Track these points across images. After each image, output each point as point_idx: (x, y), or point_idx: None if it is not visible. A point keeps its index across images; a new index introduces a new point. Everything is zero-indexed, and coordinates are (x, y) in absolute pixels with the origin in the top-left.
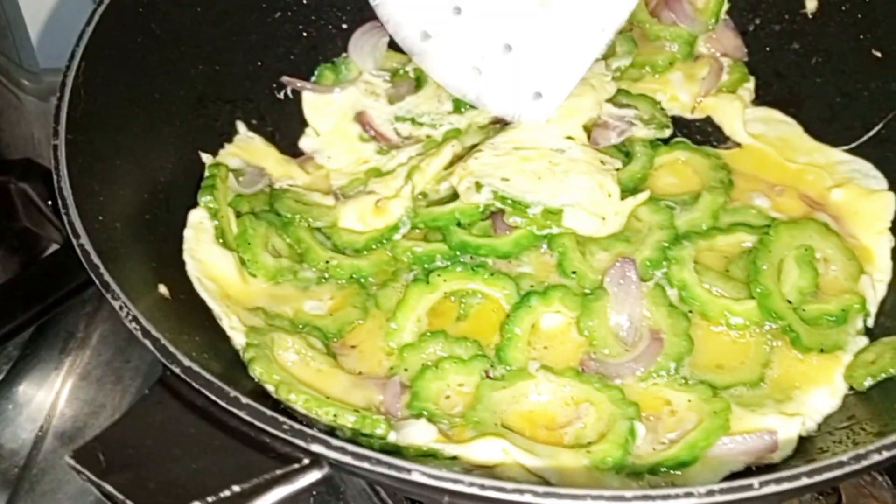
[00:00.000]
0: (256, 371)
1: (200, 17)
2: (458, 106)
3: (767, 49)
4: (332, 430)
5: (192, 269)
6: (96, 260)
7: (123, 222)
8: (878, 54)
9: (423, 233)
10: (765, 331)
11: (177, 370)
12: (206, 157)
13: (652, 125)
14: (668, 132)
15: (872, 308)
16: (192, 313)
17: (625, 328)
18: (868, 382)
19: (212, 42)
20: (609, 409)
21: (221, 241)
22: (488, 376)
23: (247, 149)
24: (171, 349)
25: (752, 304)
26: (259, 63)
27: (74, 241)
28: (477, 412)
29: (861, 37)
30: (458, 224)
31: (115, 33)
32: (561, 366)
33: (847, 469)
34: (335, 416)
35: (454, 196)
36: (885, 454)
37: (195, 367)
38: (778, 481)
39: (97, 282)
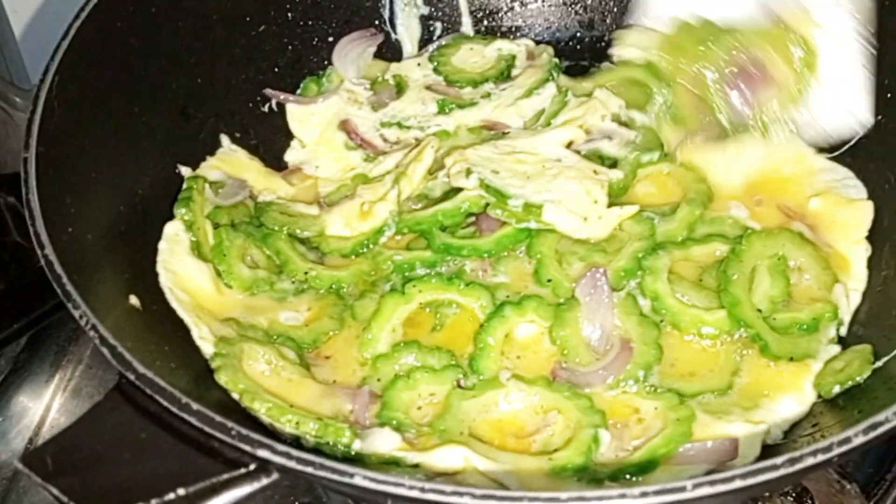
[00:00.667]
0: (222, 379)
1: (182, 30)
2: (444, 107)
3: None
4: (297, 440)
5: (164, 281)
6: (59, 270)
7: (96, 234)
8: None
9: (406, 241)
10: (736, 339)
11: (131, 377)
12: (186, 170)
13: (631, 148)
14: (646, 158)
15: (846, 317)
16: (163, 324)
17: (596, 337)
18: (836, 390)
19: (194, 55)
20: (576, 418)
21: (197, 252)
22: (460, 386)
23: (229, 161)
24: (127, 357)
25: (722, 314)
26: (243, 76)
27: (38, 251)
28: (444, 421)
29: None
30: (442, 227)
31: (92, 47)
32: (533, 375)
33: (781, 472)
34: (297, 423)
35: (442, 198)
36: (821, 457)
37: (149, 374)
38: (712, 483)
39: (59, 292)
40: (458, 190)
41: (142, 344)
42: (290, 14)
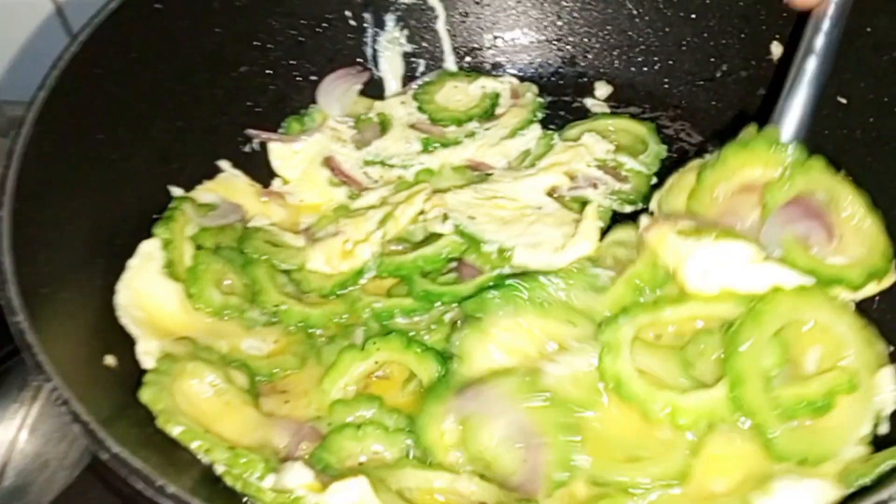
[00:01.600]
0: (145, 396)
1: (163, 75)
2: (427, 145)
3: (736, 96)
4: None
5: (121, 298)
6: (31, 339)
7: (71, 292)
8: (843, 100)
9: (387, 284)
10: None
11: (104, 457)
12: (177, 191)
13: (618, 197)
14: (629, 209)
15: (888, 407)
16: (139, 383)
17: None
18: (862, 481)
19: (175, 99)
20: None
21: (169, 271)
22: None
23: (227, 186)
24: (100, 435)
25: (707, 396)
26: (225, 117)
27: (9, 318)
28: (379, 472)
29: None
30: (423, 273)
31: (70, 97)
32: None
33: None
34: (208, 450)
35: (423, 242)
36: None
37: (122, 454)
38: None
39: (29, 363)
40: (440, 234)
41: (117, 410)
42: (272, 54)
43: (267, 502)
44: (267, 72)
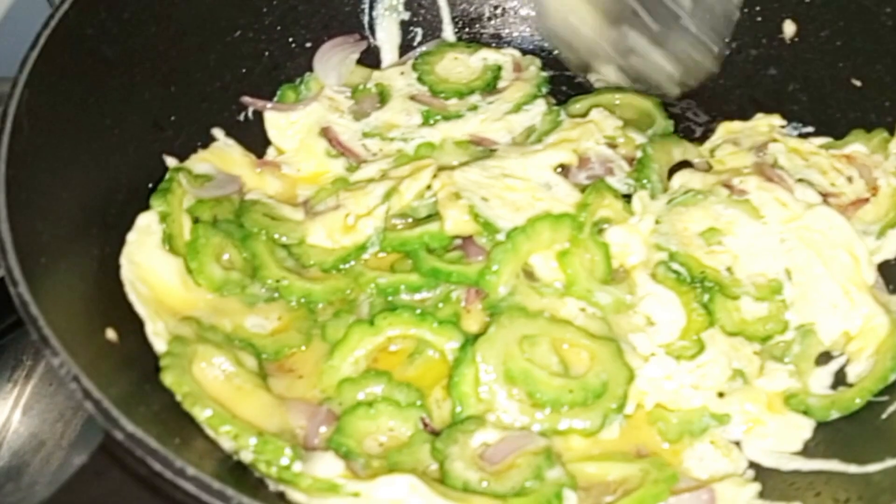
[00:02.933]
0: (167, 380)
1: (155, 37)
2: (428, 118)
3: (744, 74)
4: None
5: (126, 273)
6: (34, 311)
7: (69, 262)
8: (858, 83)
9: (389, 259)
10: None
11: (119, 436)
12: (171, 161)
13: (631, 180)
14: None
15: None
16: (142, 357)
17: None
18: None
19: (167, 63)
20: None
21: (168, 246)
22: (425, 424)
23: (222, 156)
24: (114, 413)
25: None
26: (218, 84)
27: (11, 289)
28: (401, 454)
29: (840, 65)
30: (428, 249)
31: (61, 58)
32: None
33: None
34: (236, 436)
35: (426, 218)
36: None
37: (139, 434)
38: None
39: (35, 336)
40: None
41: (124, 387)
42: (266, 19)
43: (303, 489)
44: (261, 37)
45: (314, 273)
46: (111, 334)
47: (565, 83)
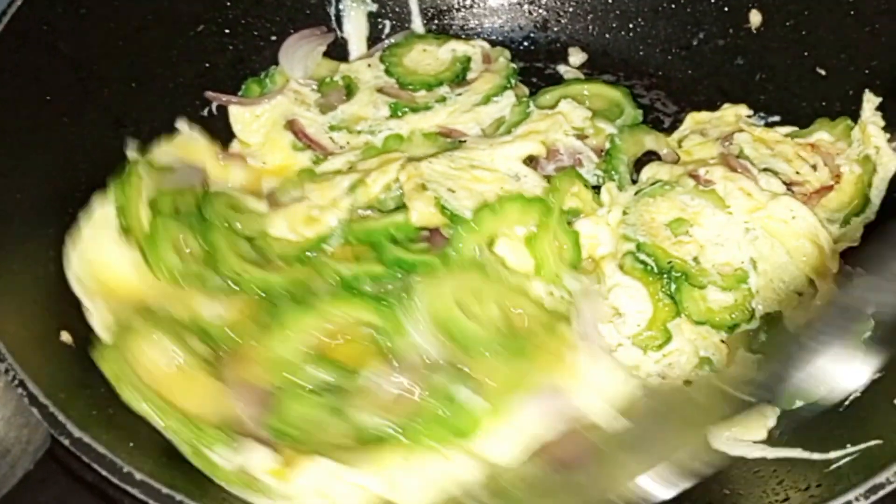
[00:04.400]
0: (104, 370)
1: (114, 32)
2: (396, 110)
3: (712, 64)
4: None
5: (74, 268)
6: None
7: (22, 264)
8: (822, 72)
9: (352, 255)
10: None
11: (65, 441)
12: (132, 153)
13: (600, 172)
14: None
15: None
16: None
17: None
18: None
19: (127, 58)
20: None
21: (124, 237)
22: None
23: (185, 147)
24: (60, 418)
25: None
26: (180, 79)
27: None
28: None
29: (805, 54)
30: (393, 240)
31: (15, 55)
32: None
33: None
34: (170, 425)
35: (393, 211)
36: None
37: (85, 439)
38: None
39: None
40: None
41: (75, 388)
42: (230, 13)
43: (231, 482)
44: (225, 31)
45: (277, 265)
46: (66, 337)
47: (535, 74)
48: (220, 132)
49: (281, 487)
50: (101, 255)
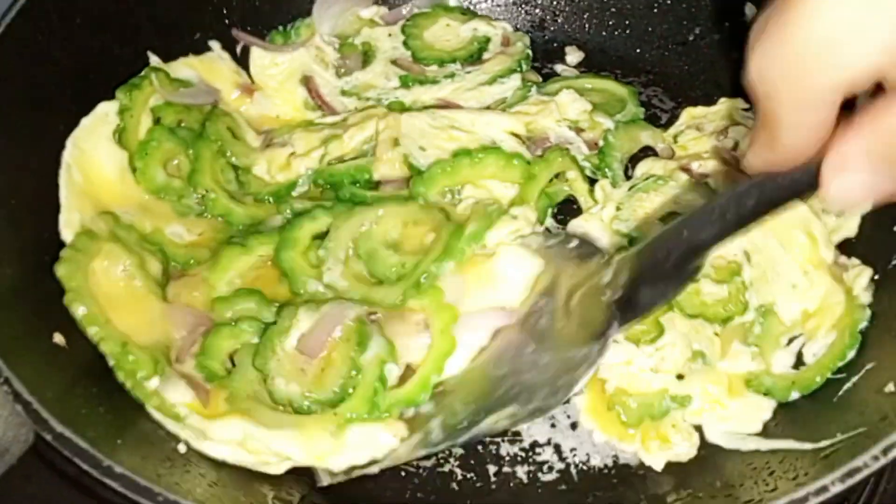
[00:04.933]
0: (59, 271)
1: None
2: (406, 82)
3: (708, 59)
4: None
5: (67, 156)
6: None
7: (16, 268)
8: None
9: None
10: None
11: (47, 437)
12: (154, 59)
13: (588, 164)
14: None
15: None
16: (92, 360)
17: None
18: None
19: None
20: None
21: (118, 138)
22: None
23: (209, 66)
24: (43, 414)
25: None
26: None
27: None
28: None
29: None
30: (354, 182)
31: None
32: None
33: None
34: (101, 339)
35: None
36: None
37: (67, 433)
38: None
39: None
40: None
41: (65, 389)
42: None
43: (153, 406)
44: None
45: (246, 201)
46: (59, 339)
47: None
48: None
49: (202, 426)
50: (92, 148)
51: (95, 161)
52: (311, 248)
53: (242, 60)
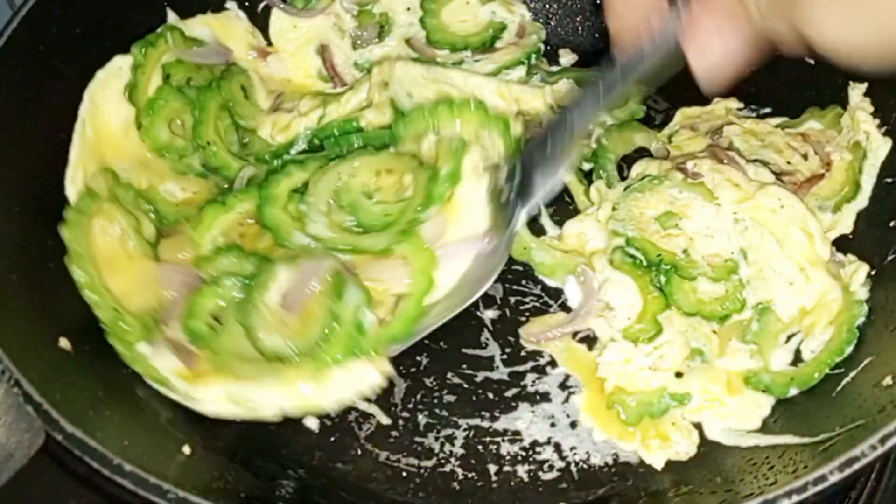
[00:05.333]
0: (64, 232)
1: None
2: (419, 61)
3: None
4: None
5: (84, 110)
6: None
7: (22, 273)
8: (811, 61)
9: None
10: None
11: (58, 437)
12: (172, 17)
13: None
14: (586, 166)
15: None
16: (97, 364)
17: None
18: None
19: None
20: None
21: (128, 94)
22: None
23: (225, 26)
24: (54, 414)
25: None
26: None
27: None
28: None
29: None
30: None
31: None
32: None
33: None
34: (96, 303)
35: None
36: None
37: (77, 434)
38: None
39: None
40: None
41: (73, 392)
42: None
43: (140, 372)
44: None
45: (247, 161)
46: (64, 343)
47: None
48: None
49: (187, 390)
50: (104, 101)
51: (105, 115)
52: (290, 201)
53: (262, 21)
